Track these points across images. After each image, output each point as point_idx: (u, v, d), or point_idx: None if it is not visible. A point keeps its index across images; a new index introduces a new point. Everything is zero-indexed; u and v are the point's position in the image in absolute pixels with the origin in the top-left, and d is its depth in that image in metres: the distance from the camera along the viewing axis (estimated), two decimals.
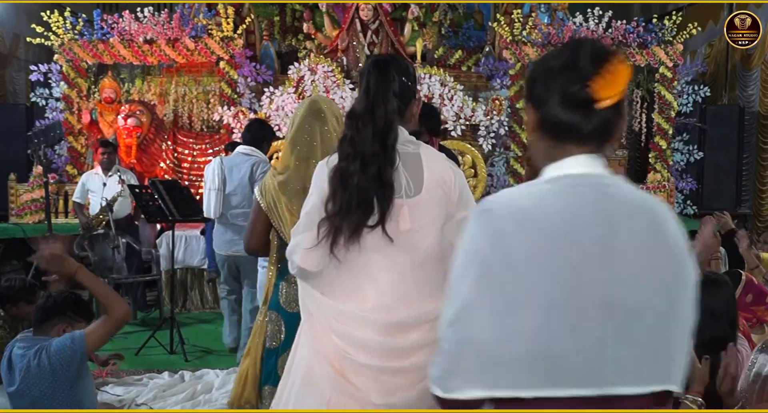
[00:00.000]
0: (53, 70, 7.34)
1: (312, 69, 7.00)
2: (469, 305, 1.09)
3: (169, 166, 7.17)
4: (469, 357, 1.09)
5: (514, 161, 7.62)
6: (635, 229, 1.11)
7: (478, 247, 1.11)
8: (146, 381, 4.04)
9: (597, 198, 1.13)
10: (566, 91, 1.13)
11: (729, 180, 7.95)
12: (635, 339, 1.09)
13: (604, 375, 1.08)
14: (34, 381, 2.45)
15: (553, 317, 1.06)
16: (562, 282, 1.07)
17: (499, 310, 1.07)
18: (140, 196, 4.94)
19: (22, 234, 6.43)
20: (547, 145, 1.22)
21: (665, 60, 7.53)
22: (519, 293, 1.07)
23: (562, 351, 1.07)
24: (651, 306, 1.10)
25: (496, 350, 1.07)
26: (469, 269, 1.11)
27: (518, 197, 1.16)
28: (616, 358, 1.08)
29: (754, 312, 3.46)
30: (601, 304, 1.08)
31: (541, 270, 1.07)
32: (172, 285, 5.22)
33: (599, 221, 1.10)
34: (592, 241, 1.09)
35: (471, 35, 8.74)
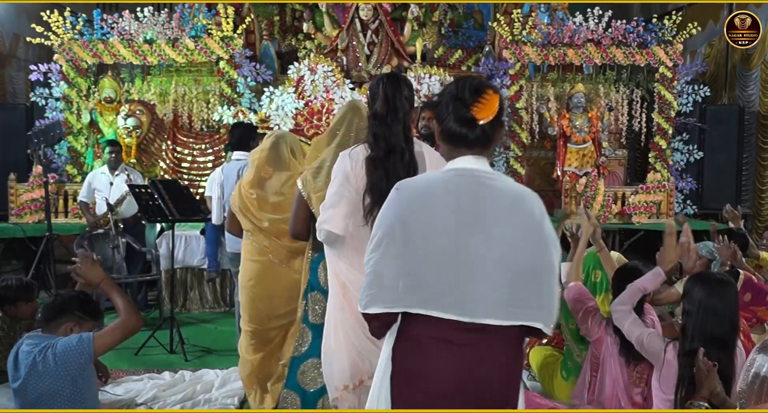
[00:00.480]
0: (53, 70, 7.34)
1: (312, 69, 7.00)
2: (379, 251, 1.63)
3: (168, 166, 7.17)
4: (377, 287, 1.62)
5: (513, 161, 7.62)
6: (504, 206, 1.62)
7: (390, 213, 1.66)
8: (146, 381, 4.03)
9: (475, 184, 1.63)
10: (457, 114, 1.65)
11: (729, 180, 7.95)
12: (501, 284, 1.57)
13: (472, 307, 1.56)
14: (38, 379, 2.47)
15: (434, 263, 1.58)
16: (445, 240, 1.59)
17: (398, 256, 1.61)
18: (140, 196, 4.94)
19: (21, 234, 6.43)
20: (448, 148, 1.72)
21: (665, 60, 7.53)
22: (412, 245, 1.60)
23: (440, 285, 1.57)
24: (515, 261, 1.58)
25: (394, 282, 1.60)
26: (382, 227, 1.65)
27: (421, 181, 1.73)
28: (484, 296, 1.56)
29: (754, 312, 3.46)
30: (475, 256, 1.58)
31: (428, 231, 1.60)
32: (172, 285, 5.22)
33: (475, 200, 1.61)
34: (470, 214, 1.60)
35: (471, 35, 8.75)
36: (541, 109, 7.68)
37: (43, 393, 2.48)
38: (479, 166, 1.67)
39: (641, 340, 2.76)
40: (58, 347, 2.49)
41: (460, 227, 1.59)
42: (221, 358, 4.59)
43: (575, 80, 7.78)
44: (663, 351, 2.65)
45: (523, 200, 1.65)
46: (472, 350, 1.58)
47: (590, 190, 7.05)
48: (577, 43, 7.45)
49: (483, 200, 1.61)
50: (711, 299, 2.52)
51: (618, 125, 7.90)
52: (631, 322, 2.82)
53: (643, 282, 2.87)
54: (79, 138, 7.32)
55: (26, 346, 2.53)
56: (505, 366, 1.61)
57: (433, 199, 1.63)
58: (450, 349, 1.59)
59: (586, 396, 3.14)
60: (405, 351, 1.65)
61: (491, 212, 1.60)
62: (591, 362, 3.13)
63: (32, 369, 2.46)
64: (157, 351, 4.68)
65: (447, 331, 1.58)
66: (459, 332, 1.58)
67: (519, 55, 7.51)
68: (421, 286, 1.59)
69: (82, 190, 6.10)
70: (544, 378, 3.84)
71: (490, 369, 1.59)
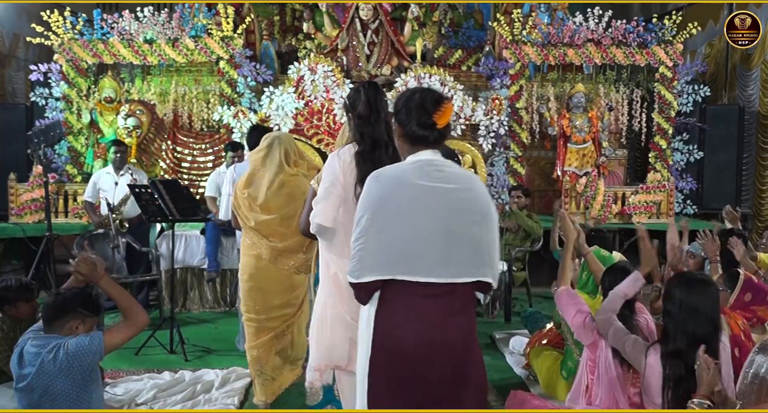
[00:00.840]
0: (53, 70, 7.34)
1: (312, 69, 7.00)
2: (366, 229, 1.97)
3: (168, 166, 7.17)
4: (366, 258, 1.97)
5: (513, 161, 7.62)
6: (459, 189, 2.02)
7: (371, 197, 2.00)
8: (146, 381, 4.03)
9: (436, 171, 2.03)
10: (420, 120, 2.06)
11: (729, 179, 7.94)
12: (463, 250, 1.99)
13: (448, 270, 1.97)
14: (48, 378, 2.48)
15: (413, 236, 1.95)
16: (418, 216, 1.96)
17: (382, 232, 1.96)
18: (140, 196, 4.94)
19: (21, 233, 6.43)
20: (409, 147, 2.11)
21: (665, 60, 7.53)
22: (393, 222, 1.96)
23: (421, 255, 1.95)
24: (471, 233, 2.00)
25: (381, 253, 1.96)
26: (367, 209, 1.98)
27: (394, 170, 2.08)
28: (454, 261, 1.98)
29: (754, 312, 3.45)
30: (443, 230, 1.97)
31: (406, 210, 1.97)
32: (172, 285, 5.22)
33: (437, 183, 2.00)
34: (435, 195, 1.99)
35: (471, 35, 8.75)
36: (541, 109, 7.68)
37: (50, 393, 2.48)
38: (436, 157, 2.09)
39: (623, 346, 2.78)
40: (71, 346, 2.50)
41: (430, 206, 1.98)
42: (221, 358, 4.59)
43: (575, 80, 7.78)
44: (644, 355, 2.65)
45: (474, 182, 2.10)
46: (441, 305, 2.00)
47: (590, 190, 7.05)
48: (577, 42, 7.45)
49: (446, 184, 2.02)
50: (691, 299, 2.53)
51: (618, 125, 7.90)
52: (614, 330, 2.84)
53: (623, 288, 2.91)
54: (79, 138, 7.32)
55: (32, 347, 2.53)
56: (465, 317, 2.08)
57: (406, 184, 2.00)
58: (424, 307, 1.99)
59: (584, 399, 3.14)
60: (387, 310, 2.00)
61: (453, 193, 2.01)
62: (587, 365, 3.12)
63: (41, 369, 2.46)
64: (157, 351, 4.68)
65: (422, 292, 1.98)
66: (431, 292, 1.98)
67: (519, 54, 7.51)
68: (404, 256, 1.96)
69: (87, 189, 6.09)
70: (544, 378, 3.85)
71: (455, 320, 2.03)
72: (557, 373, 3.71)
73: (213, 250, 5.80)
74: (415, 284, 1.96)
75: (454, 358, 2.00)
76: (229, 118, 6.95)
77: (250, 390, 3.92)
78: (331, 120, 6.90)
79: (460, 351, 2.02)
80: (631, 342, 2.76)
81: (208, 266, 5.85)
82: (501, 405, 3.71)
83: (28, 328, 2.78)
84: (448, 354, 1.99)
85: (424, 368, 1.97)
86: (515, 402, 3.38)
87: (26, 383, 2.48)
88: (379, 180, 2.02)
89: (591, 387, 3.07)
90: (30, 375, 2.48)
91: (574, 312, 3.11)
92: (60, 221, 6.70)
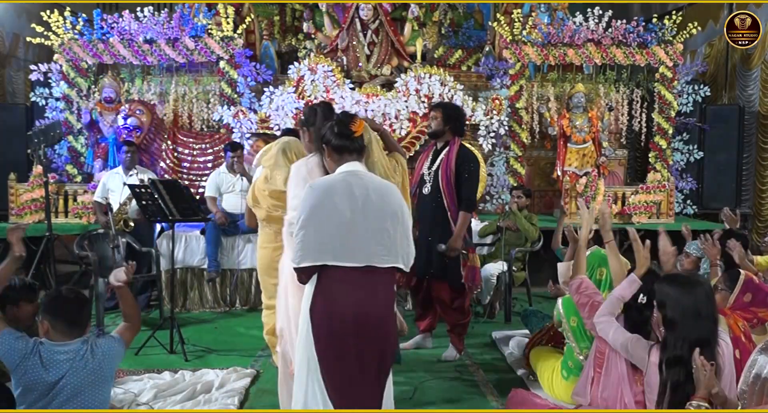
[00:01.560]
0: (53, 70, 7.34)
1: (312, 69, 6.99)
2: (303, 227, 2.51)
3: (169, 166, 7.16)
4: (305, 249, 2.51)
5: (514, 161, 7.62)
6: (376, 194, 2.56)
7: (308, 202, 2.54)
8: (146, 381, 4.02)
9: (358, 180, 2.59)
10: (341, 131, 2.64)
11: (729, 179, 7.95)
12: (379, 242, 2.53)
13: (368, 258, 2.52)
14: (87, 379, 2.56)
15: (343, 230, 2.50)
16: (344, 216, 2.50)
17: (316, 229, 2.50)
18: (140, 196, 4.93)
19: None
20: (336, 159, 2.67)
21: (665, 59, 7.53)
22: (324, 221, 2.50)
23: (346, 246, 2.51)
24: (385, 228, 2.54)
25: (316, 245, 2.50)
26: (304, 212, 2.52)
27: (326, 180, 2.64)
28: (372, 251, 2.53)
29: (755, 313, 3.43)
30: (363, 227, 2.52)
31: (334, 211, 2.51)
32: (172, 285, 5.22)
33: (360, 189, 2.55)
34: (359, 199, 2.53)
35: (471, 35, 8.75)
36: (541, 109, 7.68)
37: (80, 395, 2.56)
38: (360, 168, 2.65)
39: (626, 347, 2.78)
40: (104, 348, 2.62)
41: (354, 208, 2.52)
42: (221, 358, 4.59)
43: (575, 80, 7.78)
44: (647, 354, 2.65)
45: (388, 189, 2.64)
46: (366, 286, 2.55)
47: (590, 190, 7.05)
48: (577, 42, 7.45)
49: (367, 190, 2.56)
50: (684, 299, 2.52)
51: (618, 125, 7.90)
52: (615, 331, 2.84)
53: (620, 291, 2.94)
54: (79, 138, 7.32)
55: (56, 354, 2.56)
56: (384, 294, 2.62)
57: (335, 192, 2.54)
58: (350, 286, 2.53)
59: (590, 392, 3.13)
60: (323, 289, 2.55)
61: (371, 197, 2.55)
62: (595, 358, 3.12)
63: (77, 372, 2.55)
64: (157, 351, 4.68)
65: (348, 274, 2.52)
66: (356, 274, 2.53)
67: (519, 54, 7.51)
68: (333, 247, 2.51)
69: (98, 190, 6.11)
70: (544, 378, 3.84)
71: (376, 297, 2.57)
72: (557, 373, 3.71)
73: (213, 250, 5.80)
74: (343, 268, 2.52)
75: (376, 323, 2.56)
76: (229, 118, 6.95)
77: (251, 390, 3.93)
78: None
79: (381, 318, 2.59)
80: (633, 342, 2.75)
81: (208, 266, 5.85)
82: (501, 405, 3.71)
83: (28, 329, 2.78)
84: (372, 321, 2.55)
85: (353, 330, 2.51)
86: (515, 401, 3.37)
87: (57, 389, 2.53)
88: (314, 189, 2.57)
89: (597, 380, 3.06)
90: (62, 380, 2.53)
91: (588, 303, 3.12)
92: (60, 221, 6.70)
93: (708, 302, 2.56)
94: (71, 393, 2.54)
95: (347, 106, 6.83)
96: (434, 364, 4.46)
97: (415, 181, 4.61)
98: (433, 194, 4.44)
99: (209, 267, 5.83)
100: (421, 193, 4.55)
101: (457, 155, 4.40)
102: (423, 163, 4.63)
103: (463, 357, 4.61)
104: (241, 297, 6.06)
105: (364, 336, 2.53)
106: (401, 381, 4.10)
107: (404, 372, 4.26)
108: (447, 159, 4.41)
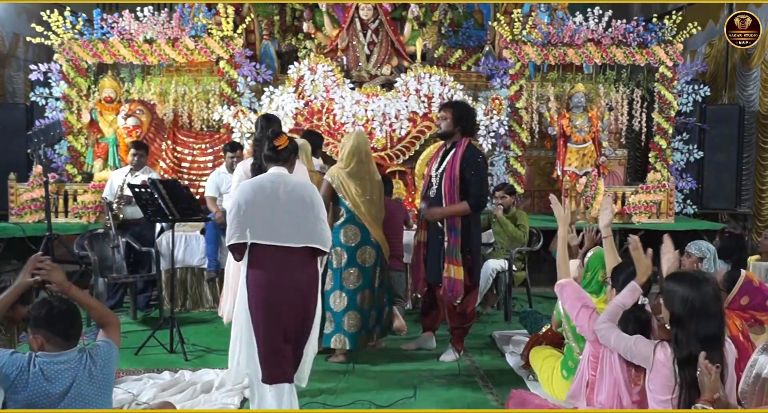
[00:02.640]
0: (53, 70, 7.33)
1: (312, 68, 6.99)
2: (236, 214, 3.27)
3: (168, 166, 7.16)
4: (237, 231, 3.25)
5: (513, 160, 7.61)
6: (295, 191, 3.35)
7: (240, 194, 3.32)
8: (146, 381, 4.03)
9: (281, 180, 3.37)
10: (270, 146, 3.44)
11: (729, 179, 7.95)
12: (297, 225, 3.30)
13: (288, 238, 3.28)
14: (90, 388, 2.52)
15: (265, 216, 3.26)
16: (269, 205, 3.28)
17: (247, 215, 3.26)
18: (140, 196, 4.93)
19: (21, 233, 6.43)
20: (267, 163, 3.45)
21: (665, 59, 7.53)
22: (250, 210, 3.27)
23: (270, 228, 3.26)
24: (301, 215, 3.32)
25: (246, 227, 3.25)
26: (237, 202, 3.29)
27: (254, 180, 3.43)
28: (292, 232, 3.29)
29: (753, 315, 3.43)
30: (283, 213, 3.29)
31: (262, 202, 3.29)
32: (171, 284, 5.22)
33: (282, 187, 3.33)
34: (279, 193, 3.31)
35: (471, 34, 8.74)
36: (541, 109, 7.68)
37: (90, 398, 2.53)
38: (283, 171, 3.42)
39: (629, 348, 2.77)
40: (103, 356, 2.57)
41: (276, 199, 3.29)
42: (221, 358, 4.57)
43: (575, 80, 7.77)
44: (652, 352, 2.65)
45: (303, 187, 3.43)
46: (286, 261, 3.27)
47: (590, 190, 7.05)
48: (577, 42, 7.45)
49: (287, 188, 3.33)
50: (693, 296, 2.52)
51: (618, 125, 7.90)
52: (616, 336, 2.84)
53: (622, 298, 2.93)
54: (79, 138, 7.32)
55: (54, 364, 2.48)
56: (305, 269, 3.34)
57: (260, 189, 3.32)
58: (274, 261, 3.26)
59: (585, 395, 3.13)
60: (252, 263, 3.29)
61: (289, 194, 3.31)
62: (590, 361, 3.12)
63: (81, 381, 2.50)
64: (157, 350, 4.68)
65: (272, 252, 3.26)
66: (278, 252, 3.26)
67: (519, 54, 7.51)
68: (260, 229, 3.24)
69: (106, 188, 6.09)
70: (544, 378, 3.84)
71: (298, 272, 3.30)
72: (557, 373, 3.71)
73: (213, 250, 5.80)
74: (266, 247, 3.25)
75: (294, 293, 3.29)
76: (229, 118, 6.94)
77: None
78: (331, 120, 6.90)
79: (304, 289, 3.33)
80: (636, 343, 2.75)
81: (208, 266, 5.85)
82: (501, 405, 3.71)
83: (25, 330, 2.75)
84: (295, 290, 3.29)
85: (280, 297, 3.26)
86: (515, 401, 3.37)
87: (63, 391, 2.47)
88: (245, 185, 3.38)
89: (593, 384, 3.06)
90: (68, 385, 2.48)
91: (579, 307, 3.11)
92: (60, 221, 6.70)
93: (716, 299, 2.55)
94: (81, 403, 2.49)
95: (347, 106, 6.84)
96: (434, 364, 4.46)
97: (424, 184, 4.60)
98: (438, 197, 4.40)
99: (209, 266, 5.83)
100: (428, 196, 4.51)
101: (462, 156, 4.35)
102: (432, 164, 4.57)
103: (462, 356, 4.60)
104: None
105: (285, 304, 3.26)
106: (402, 381, 4.11)
107: (404, 372, 4.26)
108: (453, 160, 4.37)
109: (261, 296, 3.24)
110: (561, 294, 3.26)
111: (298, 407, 3.42)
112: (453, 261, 4.34)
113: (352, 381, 4.15)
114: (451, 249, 4.34)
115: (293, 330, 3.31)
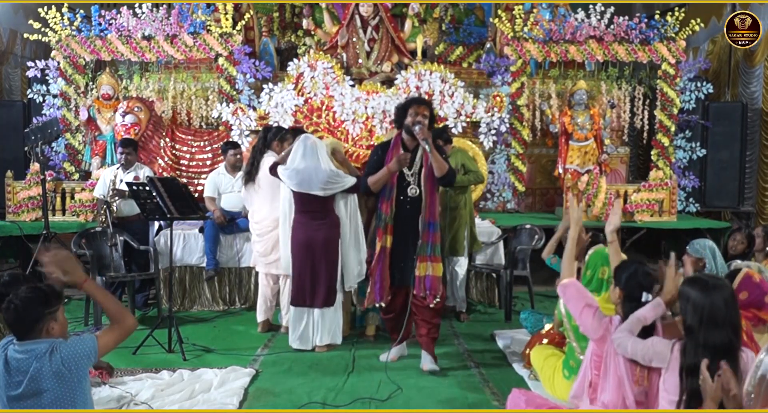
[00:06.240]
0: (51, 67, 7.30)
1: (311, 65, 6.94)
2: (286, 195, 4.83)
3: (167, 163, 7.12)
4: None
5: (515, 158, 7.57)
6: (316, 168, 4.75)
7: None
8: (144, 380, 3.99)
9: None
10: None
11: (732, 177, 7.91)
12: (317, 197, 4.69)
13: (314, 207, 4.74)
14: (42, 382, 2.41)
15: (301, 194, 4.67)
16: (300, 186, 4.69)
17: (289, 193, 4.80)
18: (138, 194, 4.89)
19: (19, 232, 6.39)
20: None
21: (667, 56, 7.48)
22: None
23: (303, 201, 4.68)
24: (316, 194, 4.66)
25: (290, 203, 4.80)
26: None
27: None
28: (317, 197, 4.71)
29: (756, 313, 3.39)
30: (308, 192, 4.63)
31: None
32: (170, 283, 5.17)
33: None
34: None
35: (472, 31, 8.70)
36: (542, 106, 7.64)
37: (44, 398, 2.42)
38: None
39: (647, 351, 2.73)
40: (65, 351, 2.43)
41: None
42: (220, 357, 4.55)
43: (577, 77, 7.73)
44: (671, 350, 2.62)
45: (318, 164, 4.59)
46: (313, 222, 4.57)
47: (592, 188, 7.00)
48: (579, 39, 7.41)
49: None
50: (701, 303, 2.48)
51: (620, 122, 7.86)
52: (633, 342, 2.80)
53: (644, 312, 2.88)
54: (77, 135, 7.28)
55: (18, 353, 2.44)
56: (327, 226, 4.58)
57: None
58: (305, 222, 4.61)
59: (588, 395, 3.09)
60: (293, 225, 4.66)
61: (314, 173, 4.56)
62: (593, 360, 3.08)
63: (38, 374, 2.39)
64: (156, 350, 4.64)
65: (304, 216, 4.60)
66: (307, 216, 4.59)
67: (520, 51, 7.46)
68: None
69: (98, 187, 6.04)
70: (545, 378, 3.81)
71: (320, 228, 4.55)
72: (559, 373, 3.68)
73: (212, 248, 5.76)
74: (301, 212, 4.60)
75: (322, 245, 4.53)
76: (228, 115, 6.91)
77: (249, 390, 3.89)
78: (331, 117, 6.85)
79: (325, 242, 4.55)
80: (656, 344, 2.71)
81: (206, 264, 5.81)
82: (501, 405, 3.67)
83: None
84: (319, 243, 4.54)
85: (306, 249, 4.55)
86: (516, 401, 3.33)
87: (20, 391, 2.41)
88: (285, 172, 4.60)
89: (595, 383, 3.03)
90: (24, 383, 2.40)
91: (582, 306, 3.07)
92: (57, 219, 6.66)
93: (726, 308, 2.49)
94: (41, 399, 2.42)
95: (347, 103, 6.79)
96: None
97: (391, 183, 4.23)
98: (419, 197, 4.20)
99: (208, 265, 5.79)
100: (403, 197, 4.23)
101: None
102: (388, 159, 4.24)
103: (462, 356, 4.57)
104: (240, 296, 6.02)
105: (314, 251, 4.52)
106: (402, 380, 4.07)
107: (405, 372, 4.22)
108: (425, 158, 4.15)
109: (296, 246, 4.69)
110: (564, 293, 3.22)
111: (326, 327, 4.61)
112: (432, 259, 4.21)
113: (353, 381, 4.11)
114: (429, 246, 4.19)
115: (320, 268, 4.59)
